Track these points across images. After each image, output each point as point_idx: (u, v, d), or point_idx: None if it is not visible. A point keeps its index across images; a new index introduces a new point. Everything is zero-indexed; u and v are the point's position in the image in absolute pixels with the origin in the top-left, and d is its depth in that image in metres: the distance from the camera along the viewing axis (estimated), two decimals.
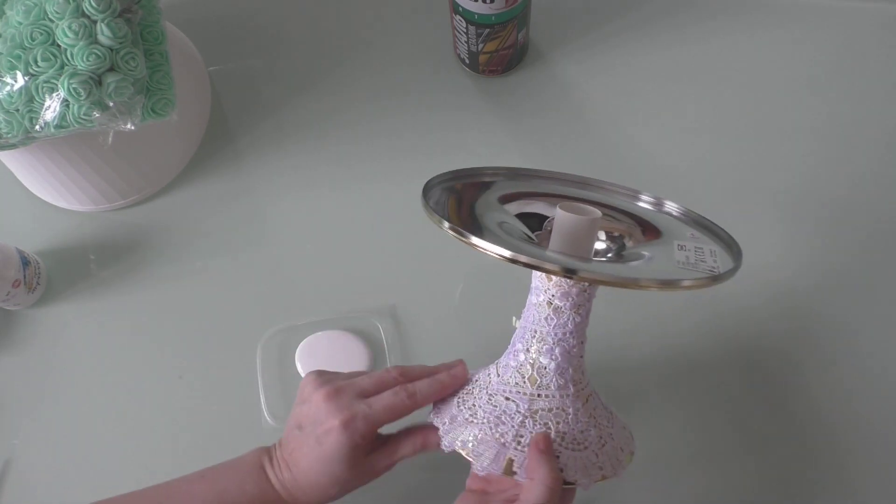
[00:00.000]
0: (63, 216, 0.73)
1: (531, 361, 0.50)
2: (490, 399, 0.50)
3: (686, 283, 0.45)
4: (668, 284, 0.44)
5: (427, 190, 0.54)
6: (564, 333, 0.49)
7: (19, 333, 0.70)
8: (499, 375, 0.52)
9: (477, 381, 0.53)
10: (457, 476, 0.54)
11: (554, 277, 0.49)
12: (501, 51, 0.71)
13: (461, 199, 0.56)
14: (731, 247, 0.53)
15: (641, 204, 0.59)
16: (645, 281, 0.44)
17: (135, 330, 0.70)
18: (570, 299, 0.49)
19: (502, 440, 0.48)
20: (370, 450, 0.53)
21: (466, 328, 0.67)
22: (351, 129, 0.74)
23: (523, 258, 0.43)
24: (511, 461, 0.47)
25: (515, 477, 0.48)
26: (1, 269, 0.65)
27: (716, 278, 0.46)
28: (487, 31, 0.67)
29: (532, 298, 0.51)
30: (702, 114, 0.72)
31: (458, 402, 0.52)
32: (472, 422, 0.50)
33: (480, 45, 0.70)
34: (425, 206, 0.50)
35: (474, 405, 0.51)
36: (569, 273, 0.43)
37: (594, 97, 0.74)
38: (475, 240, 0.45)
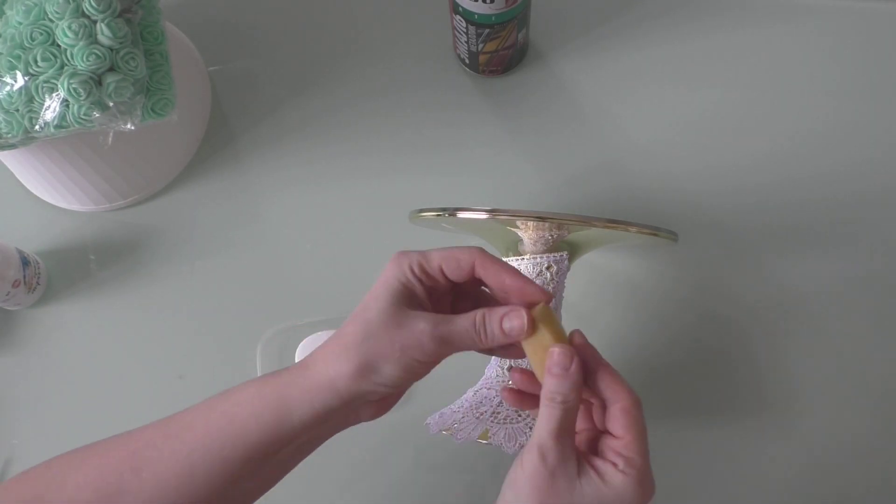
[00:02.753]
0: (63, 216, 0.73)
1: None
2: (475, 394, 0.55)
3: (632, 229, 0.53)
4: (616, 223, 0.52)
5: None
6: None
7: (19, 333, 0.70)
8: (484, 377, 0.57)
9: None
10: (462, 476, 0.54)
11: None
12: (501, 51, 0.71)
13: None
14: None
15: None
16: (597, 220, 0.52)
17: (135, 330, 0.70)
18: None
19: (481, 417, 0.53)
20: (418, 310, 0.43)
21: None
22: (351, 128, 0.74)
23: (501, 215, 0.52)
24: (486, 431, 0.52)
25: (491, 443, 0.51)
26: (1, 269, 0.65)
27: (658, 229, 0.53)
28: (487, 31, 0.67)
29: None
30: (702, 113, 0.72)
31: (452, 405, 0.57)
32: (457, 411, 0.54)
33: (480, 45, 0.70)
34: (413, 216, 0.57)
35: (462, 400, 0.56)
36: (540, 218, 0.53)
37: (594, 97, 0.74)
38: (461, 214, 0.54)
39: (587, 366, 0.43)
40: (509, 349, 0.45)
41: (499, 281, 0.43)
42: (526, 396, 0.47)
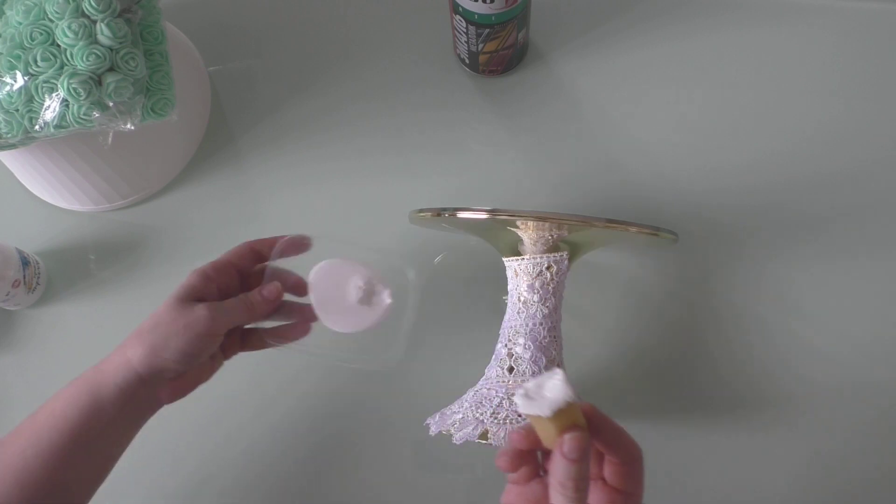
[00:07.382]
0: (63, 216, 0.73)
1: (508, 353, 0.56)
2: (475, 394, 0.55)
3: (632, 229, 0.53)
4: (616, 223, 0.53)
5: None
6: (535, 324, 0.55)
7: (19, 333, 0.70)
8: (484, 377, 0.57)
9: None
10: (462, 476, 0.54)
11: (520, 273, 0.56)
12: (501, 51, 0.71)
13: None
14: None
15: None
16: (597, 220, 0.52)
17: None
18: (536, 292, 0.56)
19: (481, 418, 0.53)
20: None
21: (468, 331, 0.67)
22: (350, 128, 0.74)
23: (501, 215, 0.53)
24: (486, 431, 0.52)
25: (491, 443, 0.51)
26: (1, 269, 0.65)
27: (658, 229, 0.54)
28: (487, 31, 0.67)
29: (507, 302, 0.58)
30: (702, 113, 0.72)
31: (452, 405, 0.57)
32: (458, 411, 0.55)
33: (480, 45, 0.70)
34: (413, 216, 0.59)
35: (462, 400, 0.56)
36: (540, 218, 0.53)
37: (594, 97, 0.74)
38: (461, 213, 0.55)
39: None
40: (282, 315, 0.56)
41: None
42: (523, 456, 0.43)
